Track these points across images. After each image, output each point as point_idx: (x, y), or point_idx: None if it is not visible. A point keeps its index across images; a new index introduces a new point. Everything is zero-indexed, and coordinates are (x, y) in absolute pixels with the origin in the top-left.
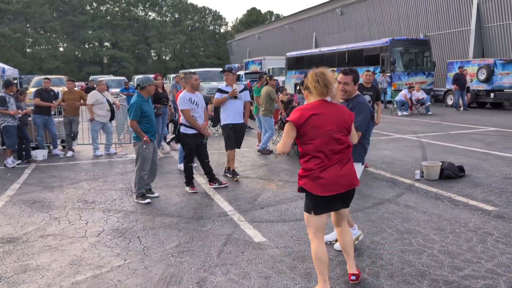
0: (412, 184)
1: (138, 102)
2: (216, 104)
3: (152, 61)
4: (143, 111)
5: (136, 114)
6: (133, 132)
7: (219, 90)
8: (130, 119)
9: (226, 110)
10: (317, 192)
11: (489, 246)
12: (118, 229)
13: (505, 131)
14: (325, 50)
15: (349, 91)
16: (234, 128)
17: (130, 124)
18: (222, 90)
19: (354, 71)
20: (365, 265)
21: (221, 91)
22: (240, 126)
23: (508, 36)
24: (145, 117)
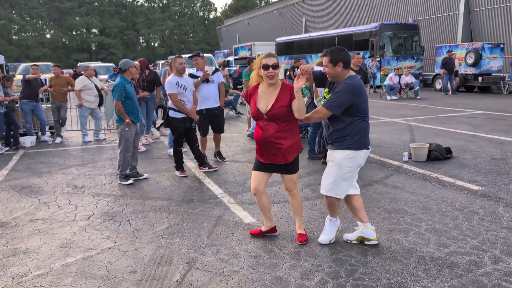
0: (401, 166)
1: (122, 83)
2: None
3: (141, 48)
4: (127, 92)
5: (121, 95)
6: (115, 115)
7: (190, 75)
8: (115, 99)
9: (200, 95)
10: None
11: (474, 224)
12: (108, 212)
13: (492, 114)
14: (314, 35)
15: (329, 73)
16: (210, 113)
17: (115, 104)
18: (193, 75)
19: (331, 52)
20: (353, 244)
21: (193, 76)
22: (217, 110)
23: (496, 20)
24: (128, 99)
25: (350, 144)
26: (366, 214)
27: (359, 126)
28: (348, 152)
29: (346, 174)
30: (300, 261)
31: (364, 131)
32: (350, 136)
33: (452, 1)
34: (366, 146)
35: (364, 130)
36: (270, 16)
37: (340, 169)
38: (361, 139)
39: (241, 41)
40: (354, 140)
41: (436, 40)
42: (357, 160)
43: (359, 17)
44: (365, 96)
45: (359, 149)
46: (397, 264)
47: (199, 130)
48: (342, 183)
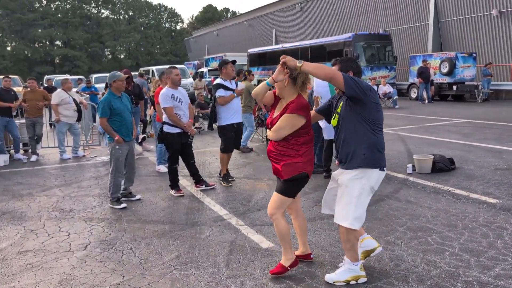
0: (407, 179)
1: (107, 99)
2: (224, 104)
3: (107, 60)
4: (113, 109)
5: (104, 112)
6: (105, 133)
7: (222, 87)
8: (99, 117)
9: (231, 108)
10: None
11: (508, 242)
12: (106, 240)
13: (476, 122)
14: (287, 46)
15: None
16: (238, 128)
17: (100, 122)
18: (226, 86)
19: (341, 60)
20: (389, 269)
21: (226, 88)
22: (241, 125)
23: (464, 30)
24: (115, 115)
25: (359, 160)
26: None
27: (371, 139)
28: (356, 171)
29: (357, 197)
30: None
31: (377, 147)
32: (360, 150)
33: (422, 12)
34: (380, 165)
35: (377, 145)
36: (240, 27)
37: (350, 192)
38: (372, 155)
39: (211, 52)
40: (364, 155)
41: (407, 50)
42: (368, 180)
43: (329, 28)
44: (376, 101)
45: (370, 167)
46: None
47: (225, 147)
48: (354, 210)
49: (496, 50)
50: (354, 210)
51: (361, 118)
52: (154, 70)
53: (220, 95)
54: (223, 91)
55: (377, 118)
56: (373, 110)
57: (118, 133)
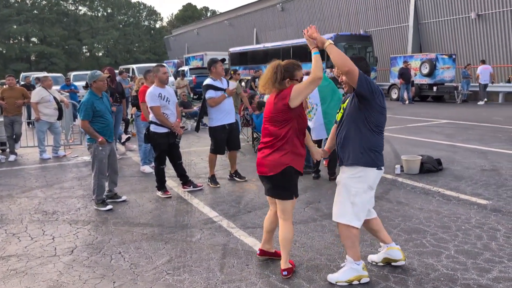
0: (395, 179)
1: (90, 101)
2: (215, 105)
3: (84, 57)
4: (96, 110)
5: (87, 114)
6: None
7: (212, 87)
8: (81, 119)
9: (222, 108)
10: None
11: (502, 243)
12: (92, 243)
13: (458, 123)
14: (269, 46)
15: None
16: (231, 129)
17: (81, 125)
18: (217, 87)
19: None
20: (387, 272)
21: (216, 88)
22: (235, 124)
23: (443, 32)
24: (98, 116)
25: (358, 159)
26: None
27: (370, 139)
28: (354, 170)
29: (354, 196)
30: None
31: (375, 147)
32: (358, 149)
33: (402, 13)
34: (377, 164)
35: (375, 146)
36: (220, 26)
37: (347, 191)
38: (370, 155)
39: (191, 51)
40: (361, 154)
41: (387, 51)
42: (366, 180)
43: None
44: (382, 105)
45: (368, 166)
46: None
47: (215, 149)
48: (352, 208)
49: (474, 52)
50: (352, 208)
51: (364, 118)
52: (134, 68)
53: (210, 96)
54: (213, 92)
55: (379, 121)
56: (378, 112)
57: (101, 134)
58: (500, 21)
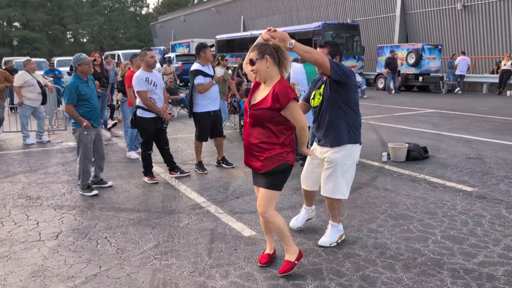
0: (382, 167)
1: (74, 84)
2: (204, 91)
3: (69, 43)
4: (80, 94)
5: (72, 98)
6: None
7: (201, 73)
8: (65, 103)
9: (209, 95)
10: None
11: (487, 229)
12: (78, 228)
13: (443, 113)
14: (256, 33)
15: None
16: (215, 115)
17: (65, 109)
18: (205, 73)
19: (330, 43)
20: (375, 257)
21: (204, 74)
22: (219, 112)
23: (430, 22)
24: (83, 100)
25: (347, 138)
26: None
27: (353, 118)
28: (345, 149)
29: (346, 172)
30: (326, 281)
31: (358, 125)
32: (346, 129)
33: (389, 3)
34: (360, 141)
35: (357, 124)
36: (207, 13)
37: (340, 169)
38: (356, 132)
39: (177, 38)
40: (349, 133)
41: (374, 40)
42: (354, 156)
43: (298, 17)
44: (356, 84)
45: (355, 143)
46: (433, 280)
47: (199, 135)
48: (346, 184)
49: (460, 43)
50: (345, 183)
51: (344, 100)
52: (120, 54)
53: (199, 82)
54: (202, 78)
55: (356, 99)
56: (354, 92)
57: (87, 119)
58: (486, 12)
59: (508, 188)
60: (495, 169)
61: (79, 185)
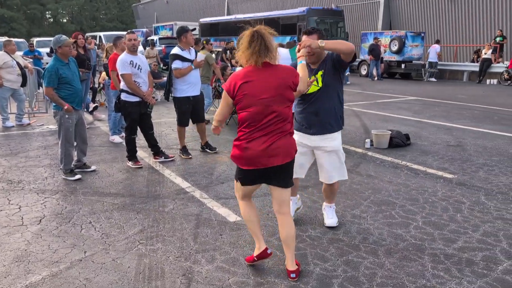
0: (366, 153)
1: (54, 67)
2: (180, 76)
3: (48, 23)
4: (61, 77)
5: (52, 81)
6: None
7: (179, 58)
8: (45, 86)
9: (188, 80)
10: (240, 165)
11: (467, 215)
12: (61, 213)
13: (424, 100)
14: (241, 17)
15: (317, 53)
16: (195, 101)
17: (45, 92)
18: (184, 57)
19: (319, 30)
20: (359, 242)
21: (184, 59)
22: (200, 97)
23: (413, 10)
24: (64, 83)
25: (340, 125)
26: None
27: (342, 104)
28: (339, 135)
29: (343, 156)
30: (310, 265)
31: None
32: (340, 116)
33: None
34: None
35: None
36: None
37: (341, 153)
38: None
39: (160, 20)
40: (341, 120)
41: (358, 26)
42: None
43: (282, 2)
44: None
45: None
46: (414, 265)
47: (180, 120)
48: (344, 166)
49: (442, 31)
50: (344, 166)
51: (340, 86)
52: (102, 36)
53: (176, 67)
54: (179, 62)
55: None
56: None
57: (68, 102)
58: (468, 1)
59: (487, 176)
60: (475, 156)
61: (62, 169)
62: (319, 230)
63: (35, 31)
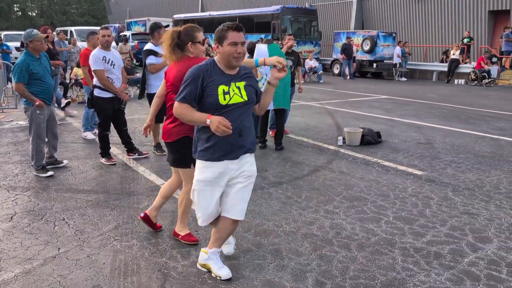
0: (338, 150)
1: (25, 62)
2: (156, 72)
3: (16, 17)
4: (32, 72)
5: (22, 77)
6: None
7: (153, 53)
8: (15, 82)
9: (162, 76)
10: None
11: (435, 211)
12: (34, 210)
13: (395, 99)
14: (215, 14)
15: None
16: None
17: (15, 87)
18: (158, 53)
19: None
20: (331, 237)
21: (158, 54)
22: None
23: (385, 10)
24: (35, 79)
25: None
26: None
27: None
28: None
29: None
30: (285, 260)
31: None
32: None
33: None
34: None
35: None
36: None
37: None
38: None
39: (133, 15)
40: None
41: (331, 26)
42: None
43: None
44: None
45: None
46: (385, 258)
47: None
48: None
49: (412, 32)
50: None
51: None
52: (73, 30)
53: (150, 62)
54: (154, 58)
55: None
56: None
57: (40, 98)
58: (438, 3)
59: (455, 172)
60: (443, 154)
61: (33, 165)
62: (293, 225)
63: (2, 25)
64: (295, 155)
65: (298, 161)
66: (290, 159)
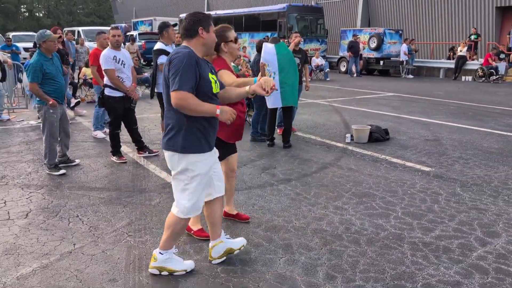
0: (346, 148)
1: (39, 62)
2: None
3: (23, 18)
4: (45, 72)
5: (36, 76)
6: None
7: (164, 53)
8: (29, 82)
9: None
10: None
11: (444, 206)
12: (48, 207)
13: (403, 96)
14: (221, 14)
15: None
16: None
17: (30, 87)
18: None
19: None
20: (341, 232)
21: (168, 54)
22: None
23: (391, 7)
24: (48, 79)
25: None
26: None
27: None
28: None
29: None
30: (296, 254)
31: None
32: None
33: None
34: None
35: None
36: None
37: None
38: None
39: (139, 15)
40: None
41: (337, 24)
42: None
43: None
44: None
45: None
46: (394, 252)
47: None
48: None
49: (419, 29)
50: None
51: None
52: (80, 31)
53: (162, 62)
54: (165, 57)
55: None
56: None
57: (52, 97)
58: (444, 0)
59: (462, 168)
60: (451, 150)
61: (46, 164)
62: (303, 221)
63: (9, 26)
64: (303, 153)
65: (306, 159)
66: (298, 157)
